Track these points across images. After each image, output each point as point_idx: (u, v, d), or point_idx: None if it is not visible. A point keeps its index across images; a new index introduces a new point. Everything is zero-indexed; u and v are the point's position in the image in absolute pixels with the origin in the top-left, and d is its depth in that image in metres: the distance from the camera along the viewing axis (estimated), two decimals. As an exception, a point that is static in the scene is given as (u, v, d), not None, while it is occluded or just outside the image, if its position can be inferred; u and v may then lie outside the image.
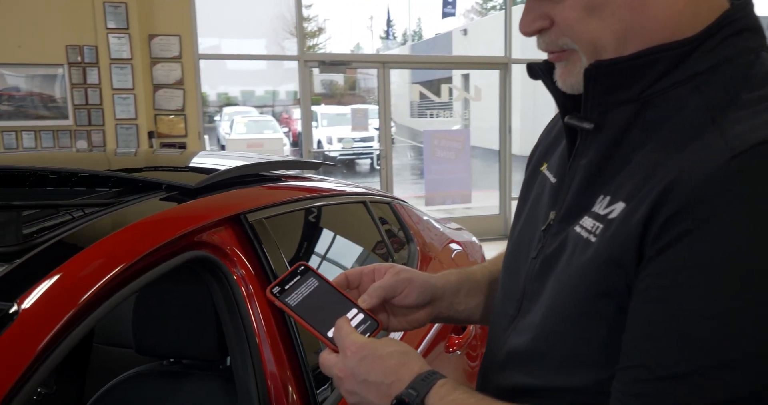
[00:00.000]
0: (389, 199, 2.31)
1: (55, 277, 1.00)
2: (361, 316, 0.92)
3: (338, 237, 1.88)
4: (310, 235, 1.74)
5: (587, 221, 0.76)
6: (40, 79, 5.77)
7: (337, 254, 1.81)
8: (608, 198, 0.75)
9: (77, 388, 2.56)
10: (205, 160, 2.10)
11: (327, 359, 0.86)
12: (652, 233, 0.67)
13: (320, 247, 1.76)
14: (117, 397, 1.63)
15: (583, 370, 0.75)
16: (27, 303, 0.93)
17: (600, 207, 0.75)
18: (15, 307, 0.90)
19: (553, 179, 0.89)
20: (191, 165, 1.94)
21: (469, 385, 0.84)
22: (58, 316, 0.95)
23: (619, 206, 0.72)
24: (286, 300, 0.91)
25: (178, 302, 1.55)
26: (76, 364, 2.55)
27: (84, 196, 1.37)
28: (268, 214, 1.47)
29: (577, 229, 0.77)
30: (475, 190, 7.74)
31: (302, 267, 0.95)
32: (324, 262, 1.72)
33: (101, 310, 1.04)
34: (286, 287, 0.92)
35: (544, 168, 0.95)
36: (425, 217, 2.60)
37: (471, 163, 7.47)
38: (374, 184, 7.42)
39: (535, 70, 0.87)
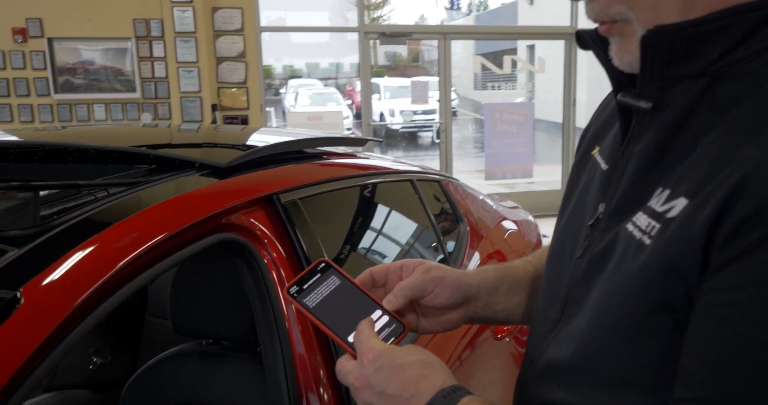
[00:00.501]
0: (439, 177, 2.19)
1: (71, 260, 0.94)
2: (385, 318, 0.83)
3: (380, 219, 1.77)
4: (349, 217, 1.65)
5: (641, 219, 0.64)
6: (112, 53, 5.85)
7: (379, 238, 1.71)
8: (667, 191, 0.62)
9: (131, 359, 2.58)
10: (261, 137, 2.01)
11: (343, 366, 0.76)
12: (721, 238, 0.54)
13: (360, 230, 1.66)
14: (158, 375, 1.60)
15: (632, 392, 0.63)
16: (39, 286, 0.88)
17: (657, 202, 0.63)
18: (18, 295, 0.84)
19: (604, 166, 0.77)
20: (240, 142, 1.86)
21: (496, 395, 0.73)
22: (69, 303, 0.88)
23: (680, 203, 0.59)
24: (305, 301, 0.82)
25: (213, 283, 1.49)
26: (130, 335, 2.56)
27: (119, 174, 1.31)
28: (303, 194, 1.38)
29: (629, 227, 0.65)
30: (538, 164, 7.50)
31: (323, 264, 0.86)
32: (362, 247, 1.62)
33: (116, 298, 0.98)
34: (305, 287, 0.83)
35: (595, 152, 0.82)
36: (480, 196, 2.48)
37: (533, 136, 7.23)
38: (435, 158, 7.28)
39: (585, 40, 0.74)
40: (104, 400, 2.41)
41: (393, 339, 0.82)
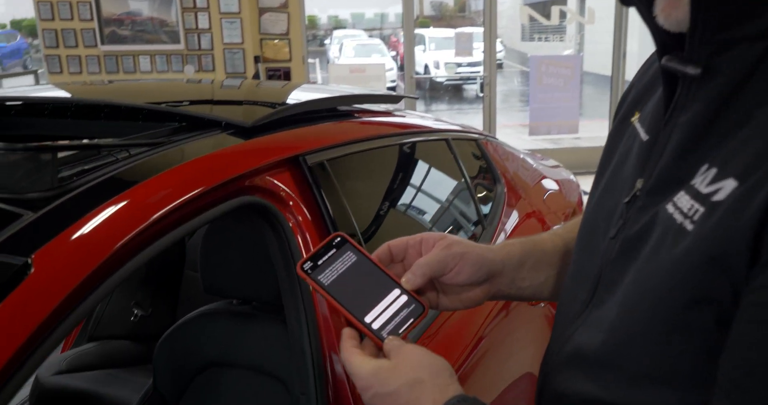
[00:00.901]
0: (477, 136, 2.11)
1: (87, 225, 0.91)
2: (404, 298, 0.78)
3: (413, 181, 1.70)
4: (379, 179, 1.58)
5: (683, 200, 0.56)
6: (158, 3, 5.81)
7: (411, 201, 1.64)
8: (714, 170, 0.54)
9: (170, 312, 2.61)
10: (301, 94, 1.95)
11: (352, 364, 0.72)
12: None
13: (390, 193, 1.60)
14: (189, 332, 1.60)
15: (663, 390, 0.57)
16: (52, 252, 0.85)
17: (702, 182, 0.55)
18: (29, 261, 0.82)
19: (644, 136, 0.69)
20: (279, 100, 1.79)
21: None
22: (82, 270, 0.86)
23: (729, 185, 0.52)
24: (319, 278, 0.77)
25: (242, 244, 1.46)
26: (169, 289, 2.59)
27: (142, 134, 1.28)
28: (331, 155, 1.33)
29: (670, 208, 0.58)
30: (584, 119, 7.27)
31: (338, 238, 0.81)
32: (392, 211, 1.56)
33: (132, 264, 0.95)
34: (320, 262, 0.78)
35: (635, 119, 0.74)
36: (520, 155, 2.39)
37: (581, 90, 6.98)
38: (479, 112, 7.12)
39: None
40: (144, 351, 2.46)
41: (412, 320, 0.77)
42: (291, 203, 1.21)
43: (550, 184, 2.38)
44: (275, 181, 1.20)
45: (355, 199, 1.37)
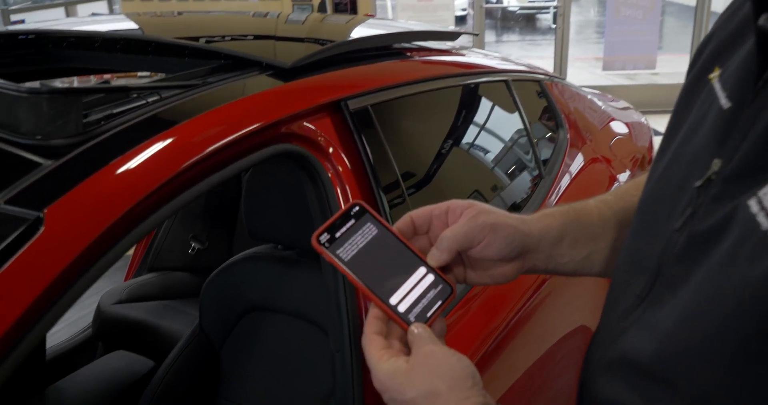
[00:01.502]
0: (540, 77, 1.94)
1: (106, 176, 0.86)
2: (430, 278, 0.69)
3: (465, 127, 1.58)
4: (428, 125, 1.47)
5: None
6: None
7: (461, 151, 1.52)
8: None
9: (227, 246, 2.62)
10: (363, 30, 1.82)
11: (371, 357, 0.64)
12: None
13: (439, 141, 1.48)
14: (234, 274, 1.57)
15: None
16: (67, 206, 0.80)
17: None
18: (41, 215, 0.77)
19: (725, 102, 0.55)
20: (342, 37, 1.67)
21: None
22: (99, 225, 0.81)
23: None
24: (338, 252, 0.67)
25: (284, 189, 1.40)
26: (225, 224, 2.59)
27: (176, 75, 1.20)
28: (375, 100, 1.22)
29: (753, 205, 0.46)
30: (664, 53, 6.81)
31: (357, 208, 0.71)
32: (441, 162, 1.45)
33: (160, 214, 0.90)
34: (338, 235, 0.68)
35: (714, 76, 0.60)
36: (588, 96, 2.21)
37: (660, 24, 6.51)
38: (552, 43, 6.77)
39: None
40: (200, 283, 2.48)
41: (440, 303, 0.68)
42: (330, 152, 1.12)
43: (619, 128, 2.21)
44: (314, 128, 1.11)
45: (400, 148, 1.27)
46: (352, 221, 0.70)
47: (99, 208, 0.82)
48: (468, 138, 1.53)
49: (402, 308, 0.67)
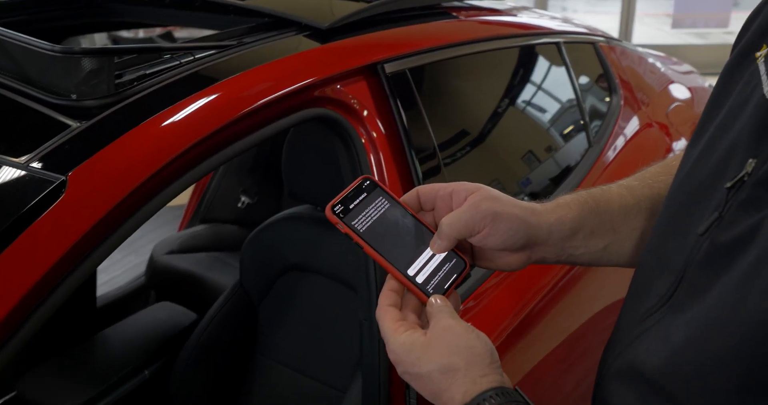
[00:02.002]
0: (595, 38, 1.84)
1: (130, 140, 0.85)
2: (442, 253, 0.67)
3: (508, 93, 1.50)
4: (469, 91, 1.40)
5: None
6: None
7: (504, 119, 1.44)
8: None
9: (275, 201, 2.64)
10: None
11: (385, 330, 0.62)
12: None
13: (481, 108, 1.41)
14: (274, 234, 1.57)
15: None
16: (91, 169, 0.79)
17: None
18: (65, 179, 0.76)
19: None
20: None
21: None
22: (122, 189, 0.80)
23: None
24: (353, 223, 0.67)
25: (322, 151, 1.37)
26: (274, 179, 2.59)
27: (211, 35, 1.18)
28: (414, 63, 1.17)
29: None
30: (739, 10, 6.40)
31: (367, 182, 0.70)
32: (482, 131, 1.37)
33: (185, 179, 0.89)
34: (351, 206, 0.68)
35: (761, 55, 0.53)
36: (649, 59, 2.09)
37: (738, -22, 6.11)
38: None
39: None
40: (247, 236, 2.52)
41: (455, 276, 0.67)
42: (365, 117, 1.08)
43: (679, 93, 2.09)
44: (348, 92, 1.08)
45: (439, 115, 1.22)
46: (364, 194, 0.69)
47: (123, 172, 0.81)
48: (512, 105, 1.46)
49: (420, 279, 0.66)
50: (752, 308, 0.41)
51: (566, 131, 1.60)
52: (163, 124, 0.89)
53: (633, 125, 1.77)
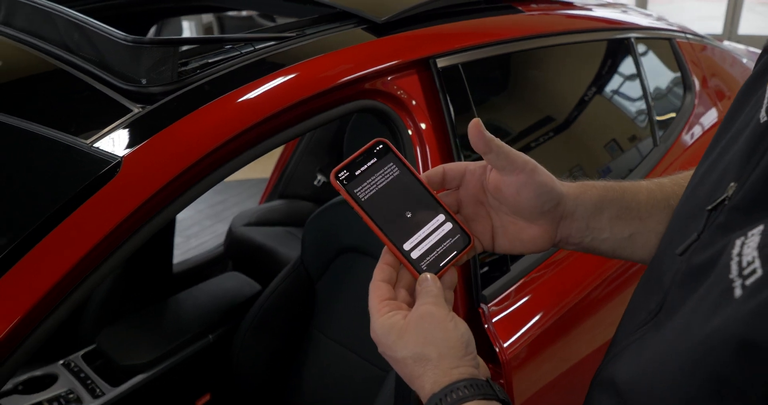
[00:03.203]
0: (672, 34, 1.75)
1: (185, 127, 0.90)
2: (449, 226, 0.65)
3: (570, 92, 1.45)
4: (524, 88, 1.38)
5: (753, 242, 0.39)
6: None
7: (560, 117, 1.41)
8: None
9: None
10: None
11: (372, 308, 0.62)
12: None
13: (536, 105, 1.39)
14: (332, 216, 1.62)
15: None
16: (144, 152, 0.86)
17: None
18: (120, 160, 0.83)
19: (763, 114, 0.47)
20: None
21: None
22: (170, 173, 0.86)
23: None
24: (355, 191, 0.64)
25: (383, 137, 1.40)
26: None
27: (277, 25, 1.22)
28: (467, 58, 1.17)
29: (737, 247, 0.40)
30: None
31: (381, 145, 0.66)
32: (535, 129, 1.34)
33: (232, 164, 0.94)
34: (357, 173, 0.64)
35: None
36: (744, 60, 1.97)
37: None
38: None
39: None
40: (320, 214, 2.59)
41: (455, 253, 0.65)
42: (413, 110, 1.10)
43: None
44: (399, 85, 1.10)
45: (490, 111, 1.22)
46: (374, 160, 0.66)
47: (174, 154, 0.87)
48: (570, 103, 1.42)
49: (415, 255, 0.64)
50: (694, 336, 0.41)
51: (630, 131, 1.54)
52: (215, 112, 0.94)
53: (708, 124, 1.69)
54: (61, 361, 1.65)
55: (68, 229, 0.78)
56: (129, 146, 0.85)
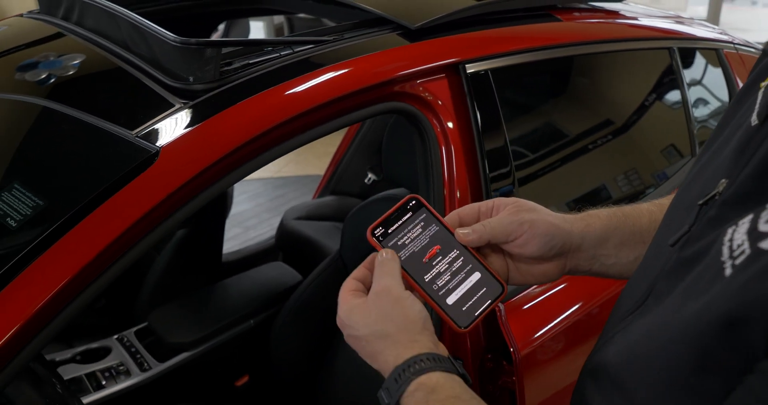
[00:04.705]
0: (717, 45, 1.71)
1: (219, 121, 0.97)
2: (482, 275, 0.69)
3: (603, 103, 1.44)
4: (554, 97, 1.38)
5: (743, 228, 0.42)
6: None
7: (595, 128, 1.39)
8: None
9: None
10: None
11: (341, 296, 0.66)
12: None
13: (564, 114, 1.38)
14: (370, 212, 1.66)
15: None
16: (180, 144, 0.93)
17: None
18: (158, 150, 0.90)
19: (754, 118, 0.50)
20: None
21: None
22: (203, 161, 0.93)
23: None
24: (390, 245, 0.68)
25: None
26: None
27: (316, 29, 1.28)
28: (496, 64, 1.19)
29: (728, 234, 0.43)
30: None
31: (414, 202, 0.71)
32: (564, 138, 1.34)
33: (259, 160, 1.00)
34: (392, 229, 0.69)
35: (764, 85, 0.54)
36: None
37: None
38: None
39: None
40: (368, 211, 2.64)
41: (489, 301, 0.68)
42: (441, 113, 1.14)
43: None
44: (427, 89, 1.13)
45: (518, 118, 1.24)
46: (409, 214, 0.70)
47: (207, 146, 0.93)
48: (601, 114, 1.41)
49: (451, 304, 0.67)
50: (680, 323, 0.44)
51: (667, 144, 1.52)
52: (249, 108, 1.00)
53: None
54: (116, 336, 1.77)
55: (108, 210, 0.86)
56: (168, 138, 0.92)
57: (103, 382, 1.59)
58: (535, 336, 1.16)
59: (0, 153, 1.04)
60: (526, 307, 1.19)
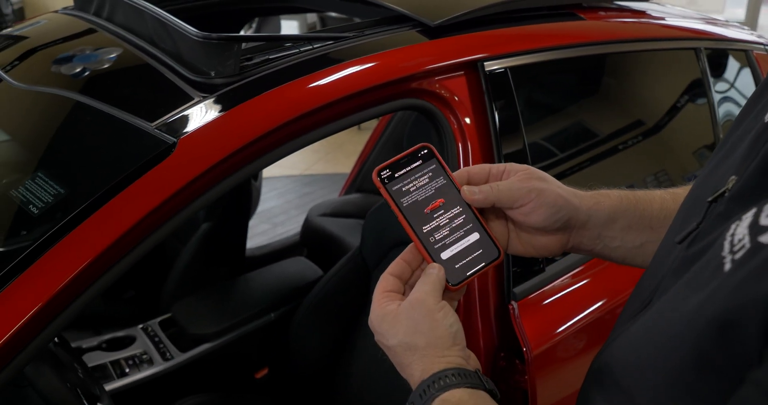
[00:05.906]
0: (747, 46, 1.67)
1: (235, 115, 0.98)
2: (480, 236, 0.66)
3: (622, 103, 1.40)
4: (573, 97, 1.36)
5: (746, 222, 0.41)
6: None
7: (612, 130, 1.36)
8: None
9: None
10: None
11: (374, 297, 0.65)
12: None
13: (582, 114, 1.35)
14: (386, 213, 1.66)
15: None
16: (198, 137, 0.94)
17: None
18: (175, 142, 0.91)
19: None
20: None
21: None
22: (218, 154, 0.94)
23: None
24: (394, 190, 0.66)
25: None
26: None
27: (336, 26, 1.29)
28: (515, 62, 1.18)
29: (731, 229, 0.42)
30: None
31: (425, 150, 0.68)
32: (582, 139, 1.31)
33: (277, 153, 1.01)
34: (398, 174, 0.66)
35: None
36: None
37: None
38: None
39: None
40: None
41: (483, 264, 0.66)
42: (458, 110, 1.13)
43: None
44: (445, 86, 1.13)
45: (537, 118, 1.22)
46: (417, 163, 0.68)
47: (223, 139, 0.94)
48: (622, 113, 1.39)
49: (444, 260, 0.65)
50: (686, 308, 0.43)
51: (689, 150, 1.49)
52: (266, 102, 1.01)
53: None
54: (141, 325, 1.80)
55: (126, 198, 0.87)
56: (185, 130, 0.94)
57: (127, 370, 1.62)
58: (549, 335, 1.15)
59: (26, 142, 1.07)
60: (540, 305, 1.18)
